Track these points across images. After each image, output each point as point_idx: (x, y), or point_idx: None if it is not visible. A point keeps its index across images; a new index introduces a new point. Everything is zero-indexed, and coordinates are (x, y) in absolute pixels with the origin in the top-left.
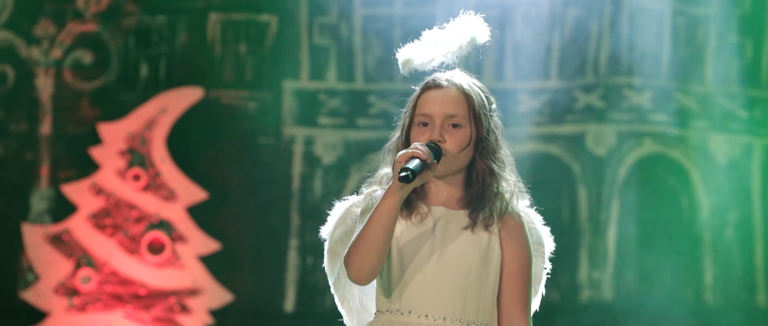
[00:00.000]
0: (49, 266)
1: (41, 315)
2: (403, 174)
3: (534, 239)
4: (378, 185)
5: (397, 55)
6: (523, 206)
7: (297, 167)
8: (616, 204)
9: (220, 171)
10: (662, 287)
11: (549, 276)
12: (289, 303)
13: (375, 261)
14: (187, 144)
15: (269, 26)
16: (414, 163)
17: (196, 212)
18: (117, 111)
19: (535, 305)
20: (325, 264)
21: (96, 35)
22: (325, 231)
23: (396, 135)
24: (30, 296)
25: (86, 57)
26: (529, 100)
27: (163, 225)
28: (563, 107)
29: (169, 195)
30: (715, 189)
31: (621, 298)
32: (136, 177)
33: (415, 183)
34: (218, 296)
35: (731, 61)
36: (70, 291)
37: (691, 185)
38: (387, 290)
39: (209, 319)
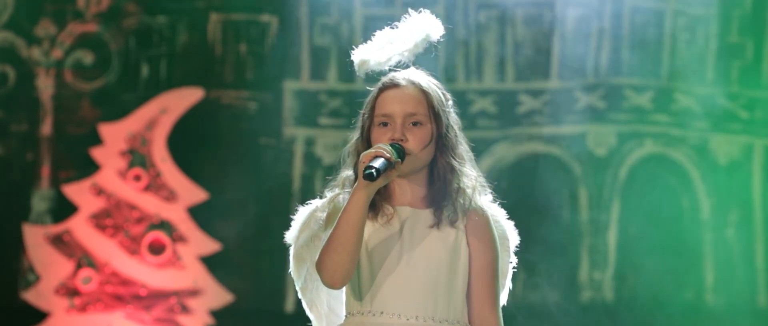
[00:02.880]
0: (49, 266)
1: (42, 315)
2: (367, 171)
3: (499, 234)
4: (340, 189)
5: (353, 57)
6: (486, 201)
7: (298, 167)
8: (616, 205)
9: (220, 172)
10: (663, 288)
11: (515, 270)
12: (290, 304)
13: (348, 263)
14: (188, 144)
15: (270, 26)
16: (378, 162)
17: (196, 212)
18: (118, 111)
19: (503, 299)
20: (291, 269)
21: (97, 35)
22: (290, 237)
23: (355, 137)
24: (31, 296)
25: (87, 57)
26: (530, 101)
27: (164, 225)
28: (564, 107)
29: (170, 196)
30: (716, 190)
31: (622, 299)
32: (137, 178)
33: (380, 183)
34: (219, 296)
35: (732, 62)
36: (71, 292)
37: (692, 185)
38: (357, 292)
39: (210, 320)
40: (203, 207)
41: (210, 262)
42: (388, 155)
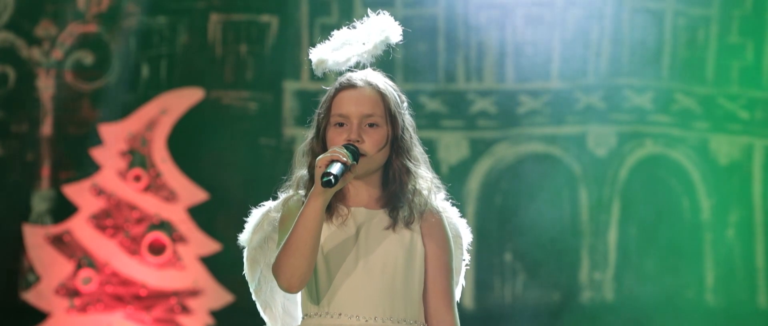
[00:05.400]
0: (49, 267)
1: (42, 315)
2: (325, 178)
3: (452, 232)
4: (294, 190)
5: (310, 56)
6: (440, 200)
7: None
8: (617, 205)
9: (220, 172)
10: (663, 288)
11: (468, 266)
12: None
13: (305, 267)
14: (188, 144)
15: (270, 27)
16: (336, 167)
17: (196, 213)
18: (118, 112)
19: (457, 296)
20: (246, 271)
21: (97, 36)
22: (243, 239)
23: (310, 136)
24: (31, 297)
25: (87, 58)
26: (530, 101)
27: (164, 225)
28: (564, 108)
29: (170, 196)
30: (716, 190)
31: (622, 299)
32: (137, 178)
33: (338, 187)
34: (219, 296)
35: (732, 62)
36: (71, 292)
37: (692, 186)
38: (315, 295)
39: (210, 320)
40: (203, 207)
41: (210, 262)
42: (344, 159)
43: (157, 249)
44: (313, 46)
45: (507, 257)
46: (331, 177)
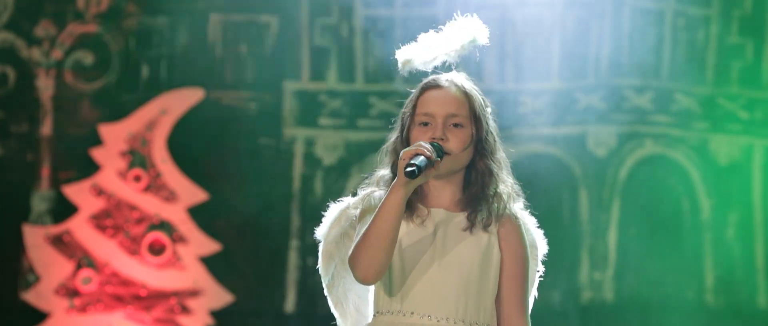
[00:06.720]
0: (49, 267)
1: (42, 316)
2: (409, 169)
3: (528, 241)
4: (375, 187)
5: (397, 56)
6: (518, 208)
7: (297, 168)
8: (616, 206)
9: (220, 172)
10: (663, 288)
11: (542, 278)
12: (290, 304)
13: (383, 259)
14: (188, 145)
15: (270, 27)
16: (419, 159)
17: (196, 213)
18: (118, 112)
19: (529, 306)
20: (320, 265)
21: (97, 36)
22: (320, 233)
23: (395, 136)
24: (31, 297)
25: (87, 58)
26: (530, 101)
27: (164, 226)
28: (564, 108)
29: (170, 196)
30: (716, 191)
31: (622, 299)
32: (137, 178)
33: (420, 180)
34: (219, 297)
35: (732, 62)
36: (71, 292)
37: (692, 186)
38: (388, 291)
39: (210, 320)
40: (203, 207)
41: (210, 262)
42: (428, 153)
43: (157, 249)
44: (313, 46)
45: None
46: (415, 168)
